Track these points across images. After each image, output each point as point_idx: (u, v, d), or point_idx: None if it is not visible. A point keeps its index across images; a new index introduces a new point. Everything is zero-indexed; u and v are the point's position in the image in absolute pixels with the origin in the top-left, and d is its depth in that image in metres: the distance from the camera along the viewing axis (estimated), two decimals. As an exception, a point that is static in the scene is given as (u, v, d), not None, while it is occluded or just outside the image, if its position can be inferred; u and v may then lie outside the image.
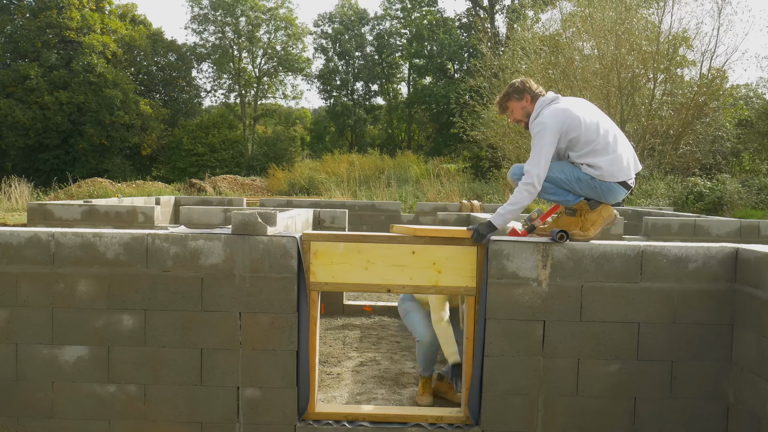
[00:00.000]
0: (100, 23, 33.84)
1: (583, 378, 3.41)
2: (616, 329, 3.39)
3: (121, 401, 3.44)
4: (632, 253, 3.37)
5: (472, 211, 9.59)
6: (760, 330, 3.12)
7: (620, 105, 19.21)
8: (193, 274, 3.41)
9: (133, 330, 3.43)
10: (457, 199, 16.95)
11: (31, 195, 19.95)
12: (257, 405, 3.44)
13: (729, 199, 14.83)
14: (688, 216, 9.16)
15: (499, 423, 3.42)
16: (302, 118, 46.72)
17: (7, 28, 32.76)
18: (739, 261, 3.34)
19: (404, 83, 42.01)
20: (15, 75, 31.09)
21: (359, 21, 41.11)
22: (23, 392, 3.45)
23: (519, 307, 3.40)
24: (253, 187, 27.65)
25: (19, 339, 3.43)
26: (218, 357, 3.43)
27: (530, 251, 3.38)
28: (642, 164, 19.59)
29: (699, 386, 3.40)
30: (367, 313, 7.26)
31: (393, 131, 41.44)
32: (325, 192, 20.47)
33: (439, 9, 46.24)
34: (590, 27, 20.21)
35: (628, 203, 15.69)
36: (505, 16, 35.63)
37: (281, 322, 3.42)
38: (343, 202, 11.15)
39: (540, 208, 3.91)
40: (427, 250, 3.47)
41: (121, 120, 32.26)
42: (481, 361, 3.44)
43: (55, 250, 3.41)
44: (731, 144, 21.92)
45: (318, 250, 3.48)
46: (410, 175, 23.75)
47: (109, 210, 8.00)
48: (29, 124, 30.56)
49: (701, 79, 20.38)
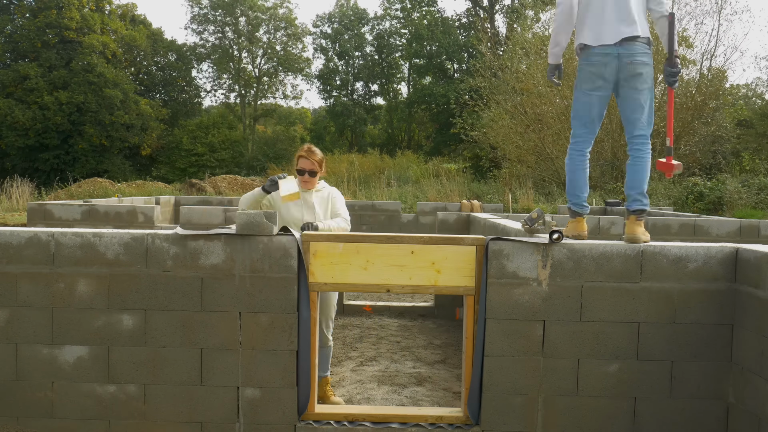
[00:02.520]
0: (100, 23, 33.85)
1: (583, 378, 3.41)
2: (616, 329, 3.39)
3: (120, 401, 3.44)
4: (632, 253, 3.37)
5: (472, 211, 9.58)
6: (760, 330, 3.11)
7: (620, 105, 19.16)
8: (193, 274, 3.41)
9: (133, 330, 3.43)
10: (457, 199, 16.94)
11: (31, 195, 19.94)
12: (257, 405, 3.44)
13: (729, 199, 14.82)
14: (688, 216, 9.16)
15: (499, 423, 3.42)
16: (302, 118, 46.71)
17: (7, 28, 32.76)
18: (739, 261, 3.34)
19: (404, 83, 42.02)
20: (15, 75, 31.09)
21: (359, 21, 41.08)
22: (23, 392, 3.45)
23: (519, 306, 3.40)
24: (253, 187, 27.63)
25: (19, 339, 3.43)
26: (218, 357, 3.43)
27: (530, 251, 3.38)
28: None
29: (699, 386, 3.40)
30: (367, 313, 7.26)
31: (393, 131, 41.41)
32: (325, 192, 20.40)
33: (439, 9, 46.29)
34: (590, 27, 20.15)
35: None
36: (505, 16, 35.62)
37: (281, 322, 3.42)
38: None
39: (540, 208, 3.91)
40: (426, 249, 3.48)
41: (121, 120, 32.26)
42: (481, 360, 3.44)
43: (55, 250, 3.41)
44: (731, 144, 21.92)
45: (317, 250, 3.48)
46: (410, 175, 23.73)
47: (109, 210, 8.00)
48: (29, 124, 30.56)
49: (701, 79, 20.37)
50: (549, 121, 20.84)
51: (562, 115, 20.48)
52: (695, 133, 20.21)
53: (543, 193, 18.37)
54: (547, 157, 20.72)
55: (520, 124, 21.58)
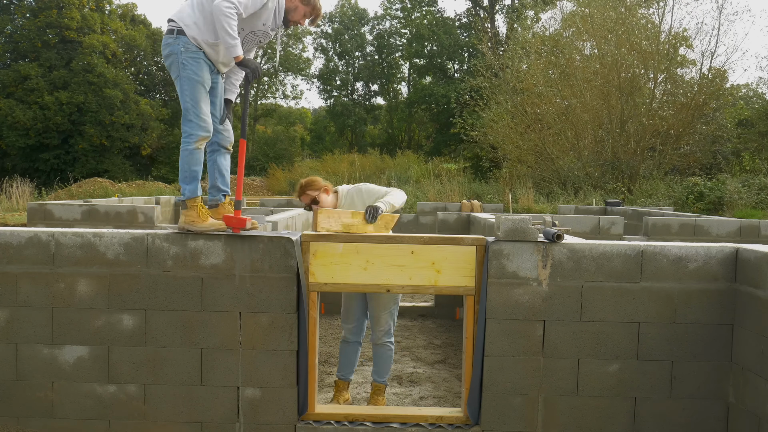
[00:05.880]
0: (100, 23, 33.84)
1: (583, 378, 3.41)
2: (616, 329, 3.39)
3: (121, 401, 3.44)
4: (632, 253, 3.37)
5: (472, 210, 9.59)
6: (760, 330, 3.11)
7: (620, 105, 19.21)
8: (193, 274, 3.41)
9: (133, 330, 3.43)
10: (457, 199, 16.93)
11: (31, 195, 19.93)
12: (257, 405, 3.44)
13: (729, 199, 14.81)
14: (688, 216, 9.16)
15: (499, 423, 3.42)
16: (302, 118, 46.70)
17: (7, 28, 32.77)
18: (739, 261, 3.34)
19: (404, 83, 42.01)
20: (15, 75, 31.09)
21: (359, 21, 41.08)
22: (23, 392, 3.45)
23: (519, 306, 3.40)
24: (253, 187, 27.67)
25: (19, 339, 3.43)
26: (218, 357, 3.43)
27: (530, 251, 3.38)
28: (642, 164, 19.44)
29: (699, 386, 3.40)
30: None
31: (393, 131, 41.40)
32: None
33: (439, 9, 46.25)
34: (590, 27, 20.21)
35: (628, 203, 15.69)
36: (505, 16, 35.62)
37: (281, 322, 3.42)
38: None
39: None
40: (426, 249, 3.47)
41: (121, 120, 32.25)
42: (481, 360, 3.44)
43: (55, 250, 3.40)
44: (731, 144, 21.91)
45: (317, 250, 3.48)
46: (410, 175, 23.72)
47: (109, 210, 8.00)
48: (29, 124, 30.56)
49: (701, 78, 20.37)
50: (549, 121, 20.85)
51: (562, 115, 20.49)
52: (695, 132, 20.22)
53: (543, 193, 18.36)
54: (547, 157, 20.72)
55: (521, 124, 21.59)
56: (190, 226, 3.49)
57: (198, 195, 3.58)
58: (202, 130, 3.53)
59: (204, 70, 3.56)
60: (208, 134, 3.58)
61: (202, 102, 3.54)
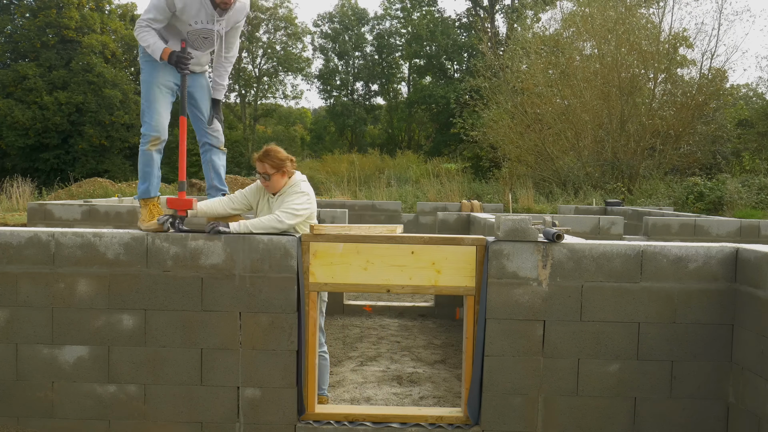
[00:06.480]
0: (99, 23, 33.82)
1: (583, 378, 3.41)
2: (616, 329, 3.39)
3: (121, 401, 3.44)
4: (632, 253, 3.37)
5: (472, 210, 9.59)
6: (760, 330, 3.12)
7: (620, 105, 19.21)
8: (194, 274, 3.41)
9: (133, 330, 3.43)
10: (457, 199, 16.92)
11: (31, 195, 19.92)
12: (257, 405, 3.44)
13: (729, 199, 14.81)
14: (688, 216, 9.16)
15: (499, 423, 3.42)
16: (302, 118, 46.70)
17: (6, 28, 32.74)
18: (739, 261, 3.34)
19: (404, 83, 42.00)
20: (14, 75, 31.07)
21: (359, 21, 41.07)
22: (23, 392, 3.45)
23: (519, 306, 3.40)
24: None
25: (19, 339, 3.43)
26: (218, 357, 3.43)
27: (530, 251, 3.38)
28: (642, 164, 19.39)
29: (699, 386, 3.41)
30: (367, 313, 7.26)
31: (393, 131, 41.39)
32: (325, 192, 20.43)
33: (439, 9, 46.25)
34: (590, 27, 20.21)
35: (628, 203, 15.69)
36: (505, 16, 35.62)
37: (281, 322, 3.42)
38: (343, 202, 11.16)
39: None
40: (426, 250, 3.47)
41: (120, 120, 32.23)
42: (481, 360, 3.44)
43: (55, 250, 3.41)
44: (731, 144, 21.91)
45: (317, 250, 3.48)
46: (410, 175, 23.72)
47: (109, 210, 8.00)
48: (29, 124, 30.55)
49: (701, 78, 20.37)
50: (549, 121, 20.84)
51: (562, 115, 20.49)
52: (695, 132, 20.21)
53: (543, 193, 18.36)
54: (547, 157, 20.72)
55: (520, 124, 21.59)
56: (139, 225, 3.73)
57: (151, 195, 3.76)
58: (152, 129, 3.77)
59: (158, 72, 3.79)
60: (158, 134, 3.85)
61: (156, 103, 3.79)
